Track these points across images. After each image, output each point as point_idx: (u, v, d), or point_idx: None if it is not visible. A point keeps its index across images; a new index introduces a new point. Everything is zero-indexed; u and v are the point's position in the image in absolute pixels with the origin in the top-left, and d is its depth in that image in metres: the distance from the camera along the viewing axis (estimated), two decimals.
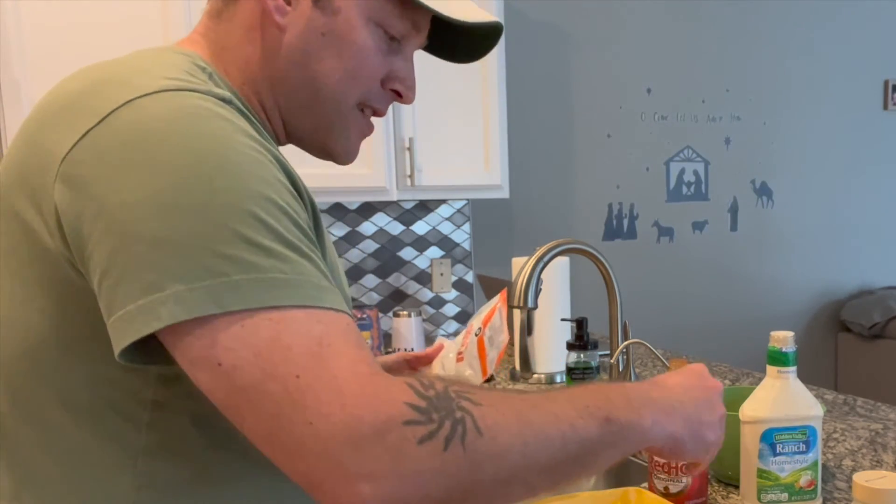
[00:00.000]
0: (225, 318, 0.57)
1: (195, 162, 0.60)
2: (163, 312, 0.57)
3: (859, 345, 3.66)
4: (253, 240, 0.59)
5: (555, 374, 1.89)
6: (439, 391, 0.59)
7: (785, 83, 3.55)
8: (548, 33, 3.01)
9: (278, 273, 0.59)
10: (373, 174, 2.26)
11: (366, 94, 0.79)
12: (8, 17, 1.83)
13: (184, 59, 0.71)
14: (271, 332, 0.57)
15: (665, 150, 3.32)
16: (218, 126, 0.62)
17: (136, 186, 0.59)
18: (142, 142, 0.60)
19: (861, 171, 3.78)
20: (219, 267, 0.57)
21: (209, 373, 0.58)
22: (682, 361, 1.10)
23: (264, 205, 0.60)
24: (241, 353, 0.57)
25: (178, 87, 0.63)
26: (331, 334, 0.59)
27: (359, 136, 0.83)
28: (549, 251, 1.42)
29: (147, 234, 0.58)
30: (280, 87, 0.77)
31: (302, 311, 0.59)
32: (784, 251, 3.63)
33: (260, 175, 0.62)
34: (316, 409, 0.55)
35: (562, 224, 3.08)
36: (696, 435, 0.75)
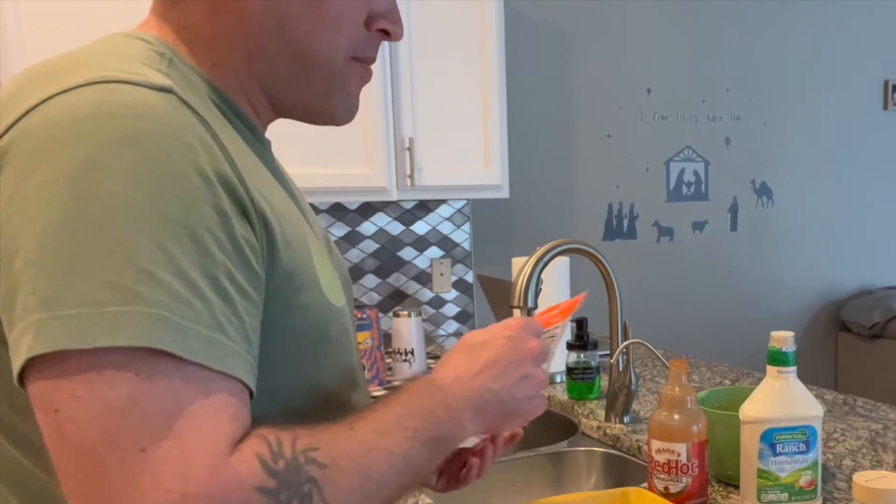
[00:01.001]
0: (82, 357, 0.48)
1: (94, 171, 0.51)
2: (23, 344, 0.49)
3: (859, 345, 3.66)
4: (146, 269, 0.50)
5: (555, 374, 1.89)
6: (288, 460, 0.53)
7: (785, 83, 3.55)
8: (548, 33, 3.01)
9: (166, 311, 0.50)
10: (373, 174, 2.26)
11: (353, 45, 0.70)
12: (8, 17, 1.83)
13: (140, 45, 0.63)
14: (130, 390, 0.49)
15: (665, 150, 3.32)
16: (136, 128, 0.53)
17: (27, 196, 0.51)
18: (43, 144, 0.52)
19: (861, 171, 3.78)
20: (96, 294, 0.49)
21: (44, 415, 0.50)
22: (682, 361, 1.11)
23: (173, 230, 0.52)
24: (86, 405, 0.48)
25: (105, 79, 0.55)
26: (200, 405, 0.51)
27: (359, 87, 0.75)
28: (549, 251, 1.42)
29: (26, 250, 0.50)
30: (258, 59, 0.68)
31: (177, 367, 0.50)
32: (784, 251, 3.63)
33: (174, 192, 0.52)
34: (153, 496, 0.48)
35: (562, 224, 3.08)
36: (513, 413, 0.73)
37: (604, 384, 1.74)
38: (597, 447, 1.49)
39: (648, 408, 1.61)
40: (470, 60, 2.41)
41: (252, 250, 0.57)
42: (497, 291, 2.26)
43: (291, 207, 0.69)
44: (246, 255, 0.56)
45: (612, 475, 1.46)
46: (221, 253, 0.54)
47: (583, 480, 1.48)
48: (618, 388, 1.51)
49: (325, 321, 0.67)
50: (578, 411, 1.64)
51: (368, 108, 2.23)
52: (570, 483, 1.47)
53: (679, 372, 1.10)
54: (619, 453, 1.45)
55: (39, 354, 0.48)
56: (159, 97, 0.55)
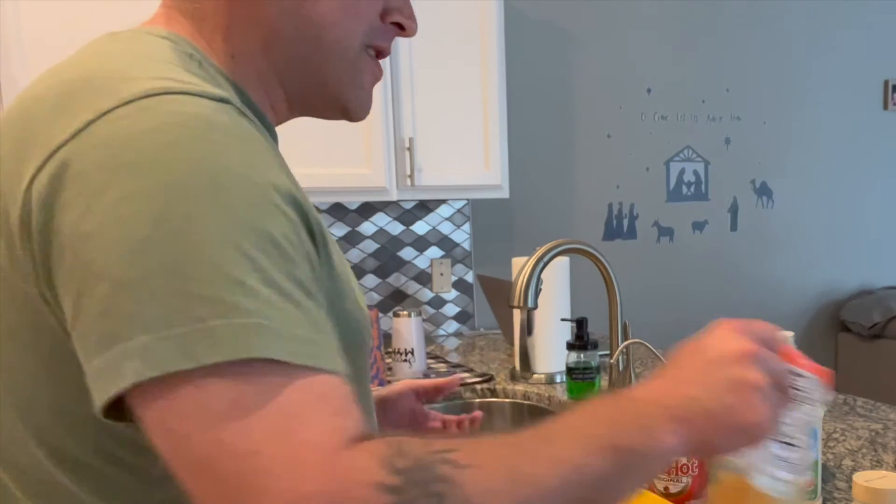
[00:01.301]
0: (188, 375, 0.48)
1: (170, 186, 0.51)
2: (127, 369, 0.49)
3: (859, 345, 3.66)
4: (237, 279, 0.50)
5: (555, 374, 1.89)
6: (416, 459, 0.50)
7: (785, 83, 3.55)
8: (548, 33, 3.01)
9: (262, 319, 0.50)
10: (373, 174, 2.26)
11: (369, 32, 0.70)
12: (8, 17, 1.83)
13: (166, 45, 0.62)
14: (234, 397, 0.49)
15: (665, 150, 3.32)
16: (205, 140, 0.53)
17: (105, 217, 0.50)
18: (116, 162, 0.51)
19: (861, 171, 3.78)
20: (194, 310, 0.49)
21: (162, 439, 0.50)
22: None
23: (255, 239, 0.51)
24: (197, 420, 0.48)
25: (165, 90, 0.54)
26: (306, 402, 0.51)
27: (371, 83, 0.74)
28: (549, 251, 1.42)
29: (112, 272, 0.49)
30: (275, 45, 0.67)
31: (279, 370, 0.50)
32: (784, 251, 3.63)
33: (254, 201, 0.53)
34: (269, 497, 0.47)
35: (562, 224, 3.08)
36: (729, 425, 0.61)
37: (604, 384, 1.74)
38: None
39: None
40: (470, 60, 2.41)
41: (311, 256, 0.58)
42: (497, 291, 2.26)
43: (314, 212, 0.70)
44: (313, 260, 0.58)
45: None
46: (299, 257, 0.55)
47: None
48: (618, 389, 1.51)
49: (360, 328, 0.68)
50: None
51: None
52: None
53: None
54: None
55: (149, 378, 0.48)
56: (219, 108, 0.55)
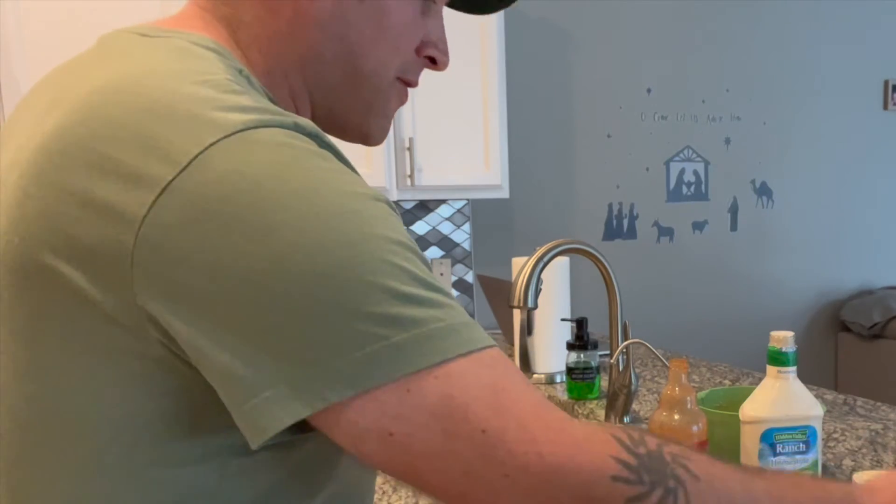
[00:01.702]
0: (389, 385, 0.50)
1: (306, 216, 0.51)
2: (324, 391, 0.50)
3: (859, 345, 3.66)
4: (401, 292, 0.52)
5: (555, 374, 1.89)
6: (652, 450, 0.54)
7: (785, 83, 3.55)
8: (548, 33, 3.01)
9: (436, 323, 0.52)
10: (373, 174, 2.26)
11: (403, 64, 0.70)
12: (8, 17, 1.83)
13: (215, 59, 0.59)
14: (441, 391, 0.51)
15: (665, 150, 3.32)
16: (320, 169, 0.54)
17: (257, 252, 0.50)
18: (247, 198, 0.50)
19: (861, 171, 3.78)
20: (375, 329, 0.50)
21: (379, 444, 0.51)
22: (682, 361, 1.10)
23: (395, 248, 0.53)
24: (414, 419, 0.51)
25: (260, 123, 0.52)
26: (500, 378, 0.54)
27: (394, 111, 0.74)
28: (549, 251, 1.42)
29: (285, 304, 0.50)
30: (312, 65, 0.66)
31: (464, 360, 0.52)
32: (784, 251, 3.63)
33: (377, 216, 0.54)
34: (511, 462, 0.51)
35: (562, 224, 3.08)
36: None
37: (604, 384, 1.74)
38: None
39: (648, 408, 1.61)
40: (470, 60, 2.41)
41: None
42: (497, 291, 2.26)
43: None
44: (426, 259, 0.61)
45: None
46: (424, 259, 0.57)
47: None
48: (618, 388, 1.51)
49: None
50: (578, 411, 1.64)
51: None
52: None
53: (679, 372, 1.10)
54: None
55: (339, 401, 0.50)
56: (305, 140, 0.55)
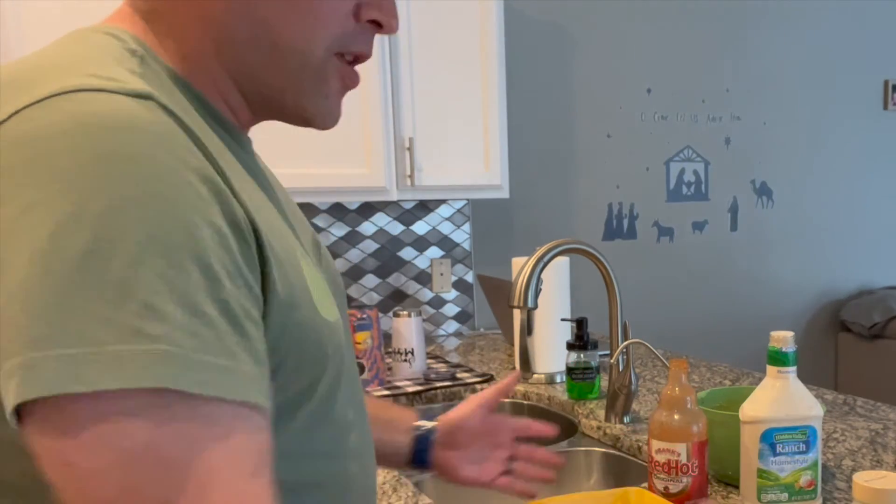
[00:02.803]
0: (88, 403, 0.44)
1: (81, 193, 0.46)
2: (10, 388, 0.44)
3: (859, 345, 3.66)
4: (147, 301, 0.45)
5: (555, 374, 1.89)
6: None
7: (785, 83, 3.55)
8: (548, 33, 3.01)
9: (171, 345, 0.45)
10: (373, 174, 2.26)
11: (339, 36, 0.63)
12: (8, 17, 1.83)
13: (108, 41, 0.58)
14: (145, 437, 0.45)
15: (665, 150, 3.32)
16: (121, 142, 0.48)
17: (8, 223, 0.46)
18: (19, 164, 0.47)
19: (861, 171, 3.78)
20: (93, 332, 0.44)
21: (57, 472, 0.45)
22: (682, 361, 1.11)
23: (172, 255, 0.47)
24: (102, 457, 0.44)
25: (75, 88, 0.49)
26: (226, 452, 0.47)
27: (340, 92, 0.66)
28: (549, 251, 1.42)
29: (10, 283, 0.45)
30: (227, 48, 0.61)
31: (192, 405, 0.46)
32: (784, 251, 3.63)
33: (171, 213, 0.48)
34: None
35: (562, 224, 3.08)
36: None
37: (604, 384, 1.74)
38: (597, 447, 1.49)
39: (648, 408, 1.61)
40: (470, 60, 2.41)
41: (251, 268, 0.53)
42: (497, 291, 2.26)
43: (275, 214, 0.64)
44: (246, 274, 0.52)
45: (612, 475, 1.46)
46: (226, 275, 0.50)
47: (583, 480, 1.48)
48: (618, 388, 1.51)
49: (319, 339, 0.63)
50: (578, 411, 1.64)
51: (368, 108, 2.23)
52: (570, 483, 1.47)
53: (679, 372, 1.10)
54: (619, 453, 1.45)
55: (32, 399, 0.44)
56: (139, 105, 0.50)
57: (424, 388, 1.87)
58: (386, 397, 1.81)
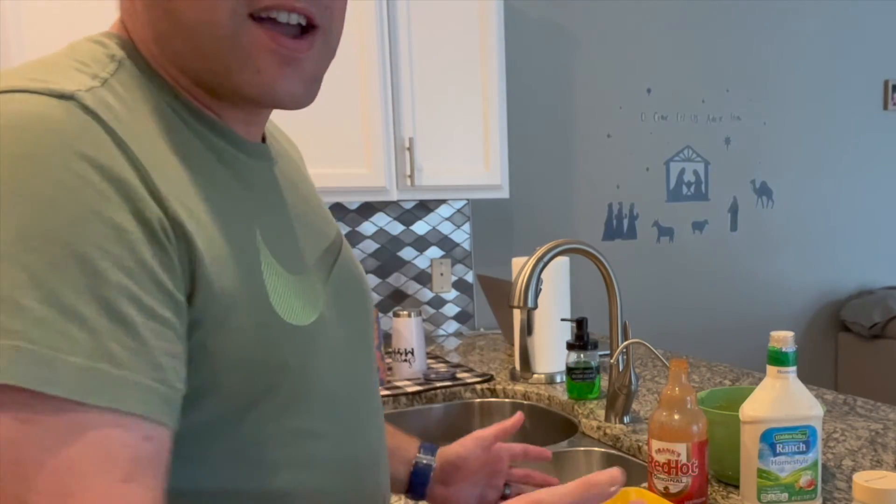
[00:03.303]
0: None
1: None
2: None
3: (859, 345, 3.66)
4: (9, 296, 0.44)
5: (555, 374, 1.89)
6: None
7: (785, 83, 3.55)
8: (548, 33, 3.00)
9: (25, 342, 0.44)
10: (373, 174, 2.26)
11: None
12: (8, 17, 1.83)
13: (93, 48, 0.59)
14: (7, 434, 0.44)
15: (665, 150, 3.32)
16: (20, 140, 0.48)
17: None
18: None
19: (861, 171, 3.78)
20: None
21: None
22: (682, 361, 1.10)
23: (46, 251, 0.46)
24: None
25: (9, 89, 0.51)
26: (92, 457, 0.45)
27: (277, 62, 0.60)
28: (549, 251, 1.42)
29: None
30: (158, 40, 0.60)
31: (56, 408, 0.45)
32: (784, 251, 3.63)
33: (56, 209, 0.47)
34: None
35: (562, 224, 3.08)
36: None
37: (604, 384, 1.74)
38: (597, 447, 1.49)
39: (648, 408, 1.61)
40: (470, 60, 2.41)
41: (165, 268, 0.52)
42: (497, 291, 2.26)
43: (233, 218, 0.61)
44: (154, 271, 0.51)
45: None
46: (118, 271, 0.48)
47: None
48: (618, 388, 1.51)
49: (271, 343, 0.60)
50: (578, 411, 1.64)
51: (368, 108, 2.23)
52: None
53: (679, 372, 1.10)
54: (619, 453, 1.45)
55: None
56: (55, 105, 0.50)
57: (424, 388, 1.87)
58: (386, 397, 1.81)
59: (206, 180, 0.59)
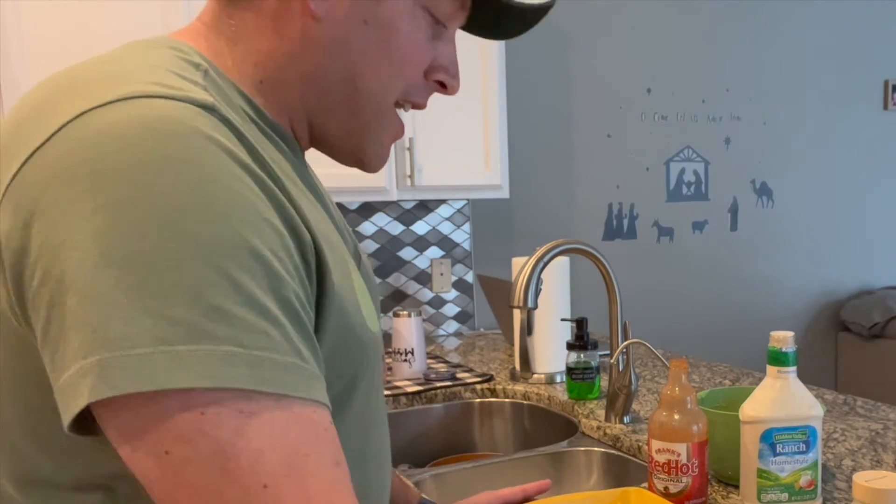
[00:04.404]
0: (176, 398, 0.46)
1: (149, 195, 0.47)
2: (83, 386, 0.46)
3: (859, 345, 3.66)
4: (213, 302, 0.47)
5: (555, 374, 1.89)
6: None
7: (785, 83, 3.55)
8: (548, 33, 3.00)
9: (236, 346, 0.47)
10: (372, 174, 2.26)
11: (408, 89, 0.69)
12: (8, 17, 1.83)
13: (172, 54, 0.60)
14: (237, 426, 0.47)
15: (665, 150, 3.32)
16: (186, 146, 0.50)
17: (77, 224, 0.47)
18: (87, 166, 0.48)
19: (861, 171, 3.78)
20: (161, 332, 0.46)
21: (154, 460, 0.47)
22: (682, 361, 1.10)
23: (236, 255, 0.49)
24: (197, 446, 0.46)
25: (142, 94, 0.51)
26: (310, 441, 0.50)
27: (391, 139, 0.72)
28: (549, 251, 1.42)
29: (81, 284, 0.47)
30: (313, 84, 0.66)
31: (273, 402, 0.48)
32: (784, 251, 3.63)
33: (236, 214, 0.50)
34: None
35: (562, 224, 3.08)
36: None
37: (604, 384, 1.74)
38: (597, 447, 1.49)
39: (648, 408, 1.61)
40: (470, 60, 2.41)
41: (308, 273, 0.56)
42: (497, 291, 2.26)
43: (329, 226, 0.66)
44: (303, 276, 0.55)
45: (612, 475, 1.46)
46: (286, 273, 0.52)
47: (583, 480, 1.48)
48: (618, 388, 1.51)
49: (363, 345, 0.65)
50: (578, 411, 1.64)
51: None
52: (570, 483, 1.47)
53: (679, 372, 1.10)
54: (619, 453, 1.45)
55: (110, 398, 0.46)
56: (202, 115, 0.52)
57: (424, 388, 1.87)
58: (386, 397, 1.81)
59: (298, 187, 0.63)
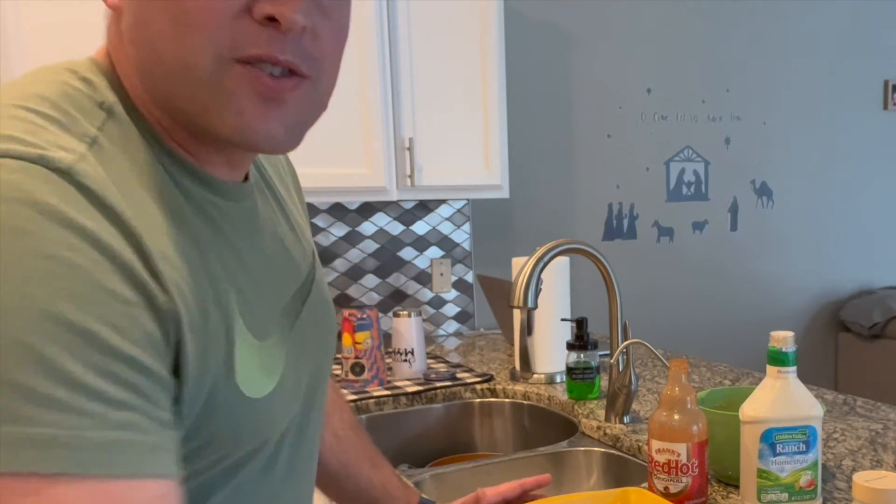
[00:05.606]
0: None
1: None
2: None
3: (859, 345, 3.66)
4: (20, 382, 0.44)
5: (555, 374, 1.89)
6: None
7: (785, 83, 3.55)
8: (547, 33, 3.00)
9: (51, 427, 0.45)
10: (373, 174, 2.26)
11: (228, 42, 0.56)
12: (8, 17, 1.83)
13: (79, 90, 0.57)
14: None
15: (665, 150, 3.32)
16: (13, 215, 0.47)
17: None
18: None
19: (861, 171, 3.78)
20: None
21: None
22: (682, 361, 1.11)
23: (57, 330, 0.46)
24: None
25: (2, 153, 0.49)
26: None
27: (256, 103, 0.58)
28: (549, 251, 1.42)
29: None
30: (144, 80, 0.59)
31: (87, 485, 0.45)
32: (784, 251, 3.63)
33: (56, 285, 0.46)
34: None
35: (562, 224, 3.08)
36: None
37: (604, 384, 1.74)
38: (597, 447, 1.49)
39: (648, 408, 1.61)
40: (470, 60, 2.41)
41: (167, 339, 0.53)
42: (497, 291, 2.26)
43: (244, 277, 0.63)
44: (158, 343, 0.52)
45: (611, 475, 1.46)
46: (127, 342, 0.49)
47: (583, 480, 1.48)
48: (618, 388, 1.51)
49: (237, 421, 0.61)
50: (578, 411, 1.64)
51: (368, 108, 2.23)
52: (570, 483, 1.47)
53: (679, 372, 1.10)
54: (619, 453, 1.45)
55: None
56: (48, 181, 0.49)
57: (424, 388, 1.87)
58: (386, 397, 1.81)
59: (188, 239, 0.58)
